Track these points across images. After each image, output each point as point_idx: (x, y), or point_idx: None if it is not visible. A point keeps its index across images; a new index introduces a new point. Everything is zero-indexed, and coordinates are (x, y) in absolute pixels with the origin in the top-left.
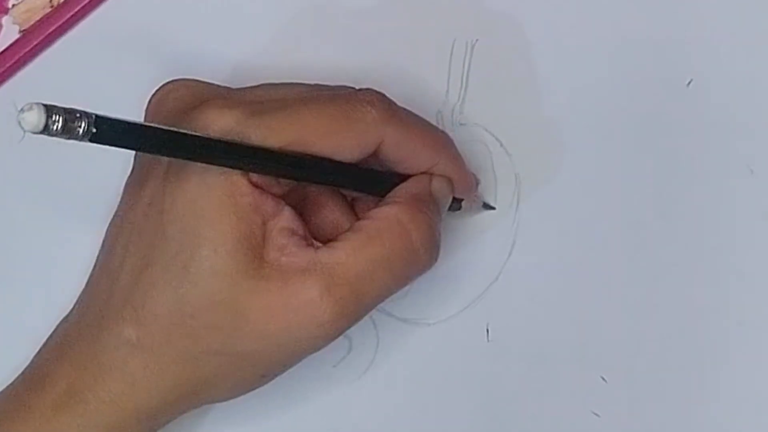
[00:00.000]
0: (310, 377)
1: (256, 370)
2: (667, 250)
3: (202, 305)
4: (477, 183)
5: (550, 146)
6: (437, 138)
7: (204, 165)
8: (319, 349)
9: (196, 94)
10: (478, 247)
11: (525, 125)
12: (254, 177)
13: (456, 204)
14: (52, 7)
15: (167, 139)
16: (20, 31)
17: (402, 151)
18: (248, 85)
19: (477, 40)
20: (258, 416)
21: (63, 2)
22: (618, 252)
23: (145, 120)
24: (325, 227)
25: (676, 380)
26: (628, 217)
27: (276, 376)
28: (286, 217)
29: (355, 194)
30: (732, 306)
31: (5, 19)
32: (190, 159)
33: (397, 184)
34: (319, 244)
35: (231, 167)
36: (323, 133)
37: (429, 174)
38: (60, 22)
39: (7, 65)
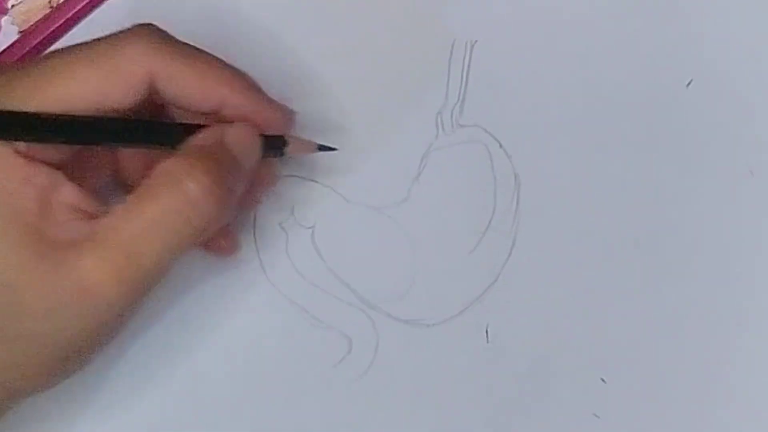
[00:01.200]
0: (310, 377)
1: (52, 353)
2: (667, 250)
3: None
4: (291, 115)
5: (550, 146)
6: (223, 71)
7: None
8: (112, 321)
9: None
10: (478, 247)
11: (525, 125)
12: (21, 146)
13: (278, 149)
14: (51, 7)
15: None
16: (19, 32)
17: (179, 86)
18: None
19: (477, 40)
20: (258, 416)
21: (62, 3)
22: (618, 252)
23: None
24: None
25: (675, 381)
26: (628, 217)
27: (89, 357)
28: (66, 192)
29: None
30: (732, 306)
31: (4, 19)
32: None
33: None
34: (104, 211)
35: None
36: (85, 83)
37: (224, 124)
38: (59, 23)
39: None
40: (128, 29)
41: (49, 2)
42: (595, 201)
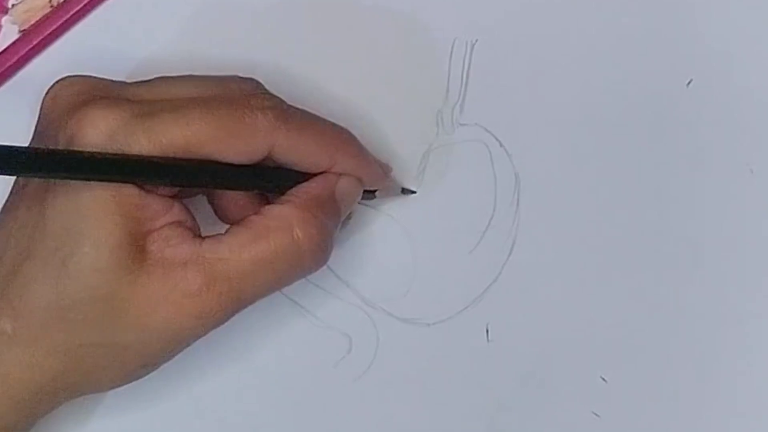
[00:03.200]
0: (310, 377)
1: (137, 361)
2: (666, 249)
3: (80, 299)
4: (388, 172)
5: (550, 146)
6: (334, 137)
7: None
8: (198, 338)
9: (87, 91)
10: (478, 247)
11: (525, 125)
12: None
13: (369, 194)
14: (51, 7)
15: (41, 162)
16: (20, 31)
17: (295, 154)
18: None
19: (477, 40)
20: (258, 416)
21: (63, 2)
22: (618, 252)
23: (39, 118)
24: (230, 211)
25: (675, 380)
26: (628, 217)
27: (158, 366)
28: (175, 212)
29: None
30: (732, 305)
31: (5, 19)
32: (68, 178)
33: (299, 181)
34: (208, 236)
35: (114, 181)
36: (211, 138)
37: (334, 174)
38: (60, 22)
39: (7, 65)
40: (255, 96)
41: (50, 1)
42: (595, 200)
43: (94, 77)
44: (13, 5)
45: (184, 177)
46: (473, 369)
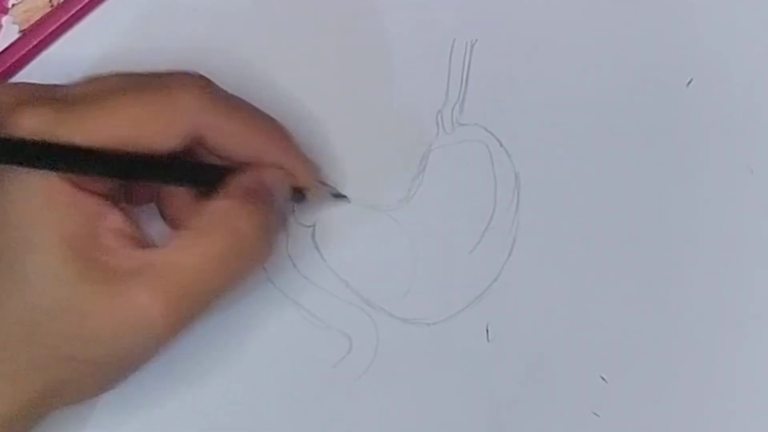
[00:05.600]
0: (310, 377)
1: (105, 374)
2: (667, 249)
3: (47, 311)
4: (317, 171)
5: (550, 146)
6: (265, 124)
7: (22, 168)
8: (160, 348)
9: (19, 95)
10: (479, 245)
11: (525, 125)
12: (73, 176)
13: (300, 195)
14: (51, 7)
15: None
16: (20, 31)
17: (225, 137)
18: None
19: (477, 40)
20: (258, 415)
21: (63, 2)
22: (618, 252)
23: None
24: (177, 217)
25: (675, 380)
26: (628, 217)
27: (127, 377)
28: (114, 219)
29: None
30: (732, 305)
31: (5, 19)
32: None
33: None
34: (154, 245)
35: (42, 168)
36: (134, 123)
37: (265, 165)
38: (60, 22)
39: (7, 65)
40: (178, 75)
41: (50, 1)
42: (596, 200)
43: (29, 83)
44: (13, 5)
45: (112, 168)
46: (473, 369)
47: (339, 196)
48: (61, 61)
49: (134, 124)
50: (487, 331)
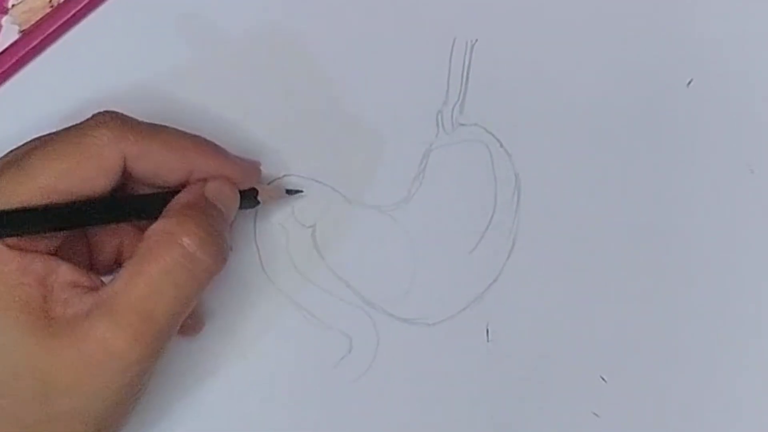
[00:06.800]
0: (310, 377)
1: (90, 425)
2: (667, 249)
3: (9, 380)
4: (258, 171)
5: (550, 146)
6: (186, 141)
7: None
8: (135, 381)
9: None
10: (479, 246)
11: (525, 124)
12: (12, 241)
13: (252, 199)
14: (51, 7)
15: None
16: (20, 31)
17: (152, 163)
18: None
19: (477, 40)
20: (258, 415)
21: (63, 2)
22: (618, 252)
23: None
24: (119, 256)
25: (675, 380)
26: (628, 217)
27: (121, 423)
28: (63, 272)
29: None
30: (732, 305)
31: (5, 19)
32: None
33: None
34: (104, 284)
35: None
36: (61, 175)
37: (200, 180)
38: (60, 22)
39: (7, 65)
40: (93, 117)
41: (50, 2)
42: (595, 200)
43: None
44: (13, 5)
45: (51, 222)
46: (473, 369)
47: (293, 191)
48: (61, 62)
49: (61, 175)
50: (487, 331)
